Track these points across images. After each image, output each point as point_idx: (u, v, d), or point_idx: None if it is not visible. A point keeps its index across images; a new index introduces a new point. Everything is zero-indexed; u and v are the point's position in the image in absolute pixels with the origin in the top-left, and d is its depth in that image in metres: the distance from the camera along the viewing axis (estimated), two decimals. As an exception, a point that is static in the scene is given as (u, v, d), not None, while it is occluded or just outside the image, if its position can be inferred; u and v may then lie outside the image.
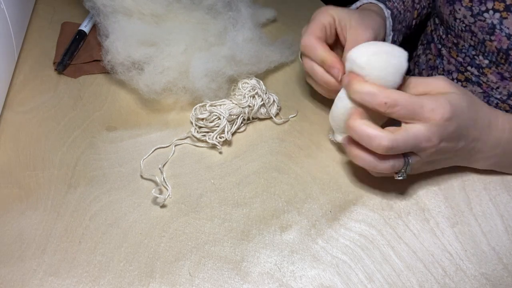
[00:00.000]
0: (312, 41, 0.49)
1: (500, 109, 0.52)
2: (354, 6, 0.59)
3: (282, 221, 0.45)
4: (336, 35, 0.52)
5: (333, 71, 0.48)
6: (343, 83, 0.44)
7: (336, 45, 0.53)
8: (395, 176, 0.44)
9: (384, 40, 0.55)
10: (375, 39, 0.51)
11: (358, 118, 0.42)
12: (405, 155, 0.43)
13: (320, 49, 0.48)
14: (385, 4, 0.57)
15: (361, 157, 0.43)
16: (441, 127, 0.41)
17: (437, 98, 0.41)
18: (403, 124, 0.42)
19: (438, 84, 0.43)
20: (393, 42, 0.58)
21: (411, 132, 0.41)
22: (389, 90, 0.41)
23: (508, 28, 0.51)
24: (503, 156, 0.47)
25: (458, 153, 0.45)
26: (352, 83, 0.42)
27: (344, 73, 0.46)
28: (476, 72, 0.59)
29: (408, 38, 0.67)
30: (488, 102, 0.59)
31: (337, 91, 0.46)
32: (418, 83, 0.44)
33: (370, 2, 0.58)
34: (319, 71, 0.50)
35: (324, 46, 0.49)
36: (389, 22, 0.56)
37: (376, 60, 0.42)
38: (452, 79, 0.62)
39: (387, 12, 0.56)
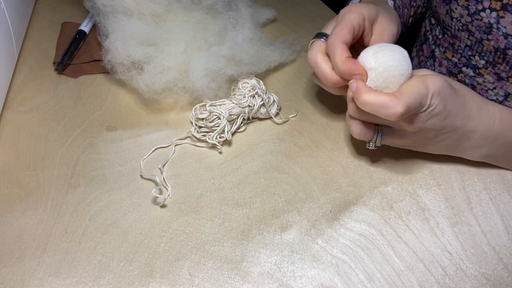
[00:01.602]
0: (337, 44, 0.46)
1: None
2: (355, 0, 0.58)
3: (282, 221, 0.45)
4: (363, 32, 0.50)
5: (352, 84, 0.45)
6: (350, 89, 0.44)
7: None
8: (366, 145, 0.46)
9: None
10: (398, 33, 0.51)
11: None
12: (377, 127, 0.45)
13: (339, 56, 0.46)
14: None
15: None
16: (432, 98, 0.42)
17: (416, 80, 0.42)
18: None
19: (429, 76, 0.43)
20: None
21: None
22: (399, 101, 0.41)
23: (505, 27, 0.51)
24: (493, 147, 0.47)
25: (443, 137, 0.46)
26: (359, 96, 0.42)
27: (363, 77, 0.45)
28: (471, 73, 0.59)
29: (404, 41, 0.67)
30: None
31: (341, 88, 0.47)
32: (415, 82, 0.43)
33: None
34: (323, 69, 0.47)
35: (344, 54, 0.46)
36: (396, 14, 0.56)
37: (383, 57, 0.43)
38: None
39: (390, 3, 0.57)
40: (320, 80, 0.49)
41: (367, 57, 0.43)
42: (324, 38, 0.49)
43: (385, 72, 0.42)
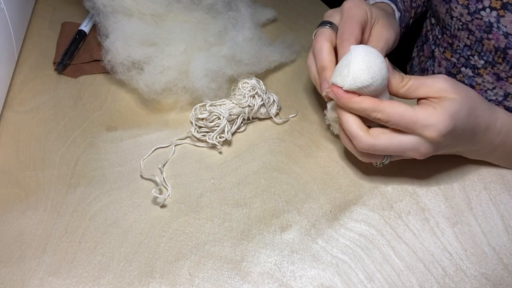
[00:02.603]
0: (323, 45, 0.47)
1: None
2: None
3: (282, 221, 0.45)
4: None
5: (322, 85, 0.46)
6: (328, 97, 0.44)
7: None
8: (373, 164, 0.46)
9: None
10: (395, 41, 0.51)
11: (347, 114, 0.43)
12: None
13: (324, 58, 0.46)
14: (397, 6, 0.57)
15: (345, 143, 0.45)
16: (434, 143, 0.41)
17: (433, 112, 0.40)
18: (392, 129, 0.42)
19: (438, 86, 0.42)
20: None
21: (395, 140, 0.41)
22: (383, 104, 0.41)
23: (505, 26, 0.51)
24: (491, 154, 0.48)
25: (449, 152, 0.46)
26: (345, 103, 0.42)
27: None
28: (470, 73, 0.59)
29: (405, 40, 0.67)
30: None
31: None
32: (419, 86, 0.42)
33: (382, 2, 0.57)
34: (312, 71, 0.48)
35: (330, 56, 0.46)
36: (397, 23, 0.56)
37: (378, 71, 0.41)
38: None
39: (397, 14, 0.56)
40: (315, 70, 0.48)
41: (364, 76, 0.41)
42: (329, 25, 0.48)
43: (383, 83, 0.42)
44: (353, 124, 0.42)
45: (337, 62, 0.45)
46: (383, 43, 0.48)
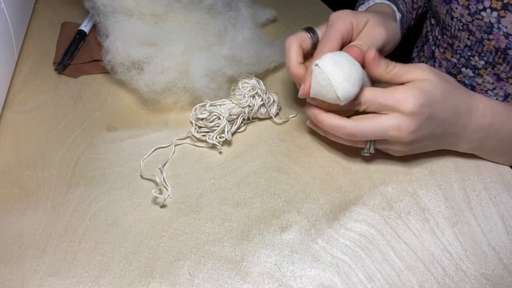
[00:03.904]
0: (291, 43, 0.49)
1: None
2: (364, 6, 0.58)
3: (282, 221, 0.45)
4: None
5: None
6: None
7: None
8: (361, 152, 0.48)
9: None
10: (388, 39, 0.51)
11: (323, 113, 0.46)
12: None
13: (291, 62, 0.49)
14: (397, 7, 0.57)
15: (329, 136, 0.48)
16: (413, 116, 0.42)
17: (407, 88, 0.43)
18: (374, 114, 0.44)
19: (420, 72, 0.44)
20: None
21: (375, 121, 0.43)
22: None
23: (506, 27, 0.51)
24: (483, 140, 0.48)
25: (436, 138, 0.46)
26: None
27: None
28: (471, 74, 0.59)
29: (405, 41, 0.67)
30: None
31: None
32: (403, 73, 0.45)
33: (382, 3, 0.57)
34: (291, 57, 0.50)
35: (298, 60, 0.49)
36: (397, 24, 0.56)
37: (352, 86, 0.43)
38: None
39: (398, 15, 0.56)
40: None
41: (332, 90, 0.43)
42: (311, 33, 0.51)
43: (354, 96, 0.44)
44: (332, 118, 0.45)
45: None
46: (372, 40, 0.49)
